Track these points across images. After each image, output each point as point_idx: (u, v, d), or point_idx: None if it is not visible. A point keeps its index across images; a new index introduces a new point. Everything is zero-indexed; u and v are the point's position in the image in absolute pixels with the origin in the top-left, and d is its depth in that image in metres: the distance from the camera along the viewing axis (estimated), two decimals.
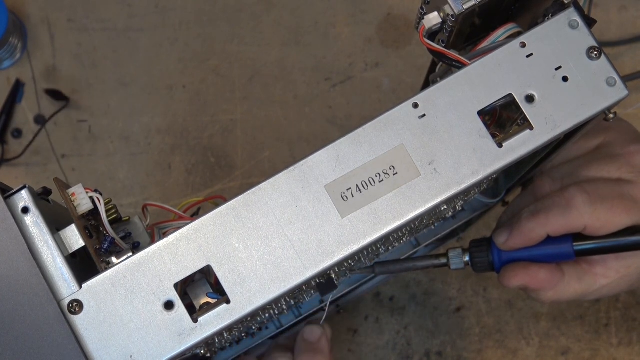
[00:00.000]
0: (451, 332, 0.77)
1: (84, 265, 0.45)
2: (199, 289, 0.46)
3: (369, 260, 0.61)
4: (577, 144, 0.56)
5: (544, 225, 0.53)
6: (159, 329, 0.42)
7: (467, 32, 0.48)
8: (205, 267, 0.42)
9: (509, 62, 0.44)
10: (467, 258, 0.58)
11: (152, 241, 0.47)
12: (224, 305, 0.42)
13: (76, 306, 0.42)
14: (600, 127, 0.56)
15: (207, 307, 0.43)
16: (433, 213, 0.51)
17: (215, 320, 0.42)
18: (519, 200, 0.59)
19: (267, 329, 0.66)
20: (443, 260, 0.59)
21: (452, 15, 0.45)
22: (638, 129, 0.58)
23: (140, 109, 0.81)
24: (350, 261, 0.54)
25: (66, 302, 0.42)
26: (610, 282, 0.56)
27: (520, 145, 0.43)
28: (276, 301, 0.43)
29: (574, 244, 0.55)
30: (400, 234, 0.57)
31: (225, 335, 0.54)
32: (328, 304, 0.61)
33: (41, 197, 0.45)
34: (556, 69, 0.44)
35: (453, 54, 0.46)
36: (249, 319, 0.45)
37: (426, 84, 0.58)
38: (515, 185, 0.61)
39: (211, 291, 0.46)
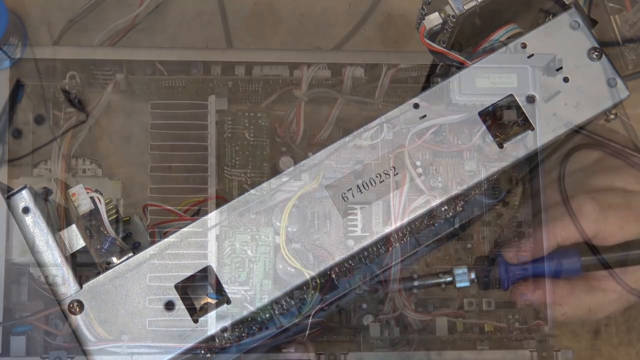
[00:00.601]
0: (451, 332, 0.77)
1: (85, 266, 0.45)
2: (200, 289, 0.46)
3: (369, 261, 0.61)
4: (577, 158, 0.56)
5: (554, 233, 0.53)
6: (160, 329, 0.42)
7: (467, 33, 0.48)
8: (205, 267, 0.42)
9: (510, 62, 0.44)
10: (473, 276, 0.58)
11: (153, 241, 0.47)
12: (225, 306, 0.42)
13: (77, 306, 0.42)
14: (599, 140, 0.56)
15: (208, 308, 0.43)
16: (433, 213, 0.51)
17: (216, 321, 0.42)
18: (523, 215, 0.60)
19: (267, 329, 0.66)
20: (448, 279, 0.59)
21: (453, 16, 0.45)
22: None
23: (140, 109, 0.81)
24: (350, 261, 0.54)
25: (67, 302, 0.42)
26: (620, 297, 0.56)
27: (521, 146, 0.43)
28: (277, 301, 0.43)
29: (582, 258, 0.54)
30: (401, 234, 0.57)
31: (226, 335, 0.53)
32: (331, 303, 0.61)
33: (42, 197, 0.45)
34: (557, 70, 0.44)
35: (454, 54, 0.46)
36: (249, 319, 0.45)
37: (426, 84, 0.58)
38: (515, 185, 0.61)
39: (212, 291, 0.46)
